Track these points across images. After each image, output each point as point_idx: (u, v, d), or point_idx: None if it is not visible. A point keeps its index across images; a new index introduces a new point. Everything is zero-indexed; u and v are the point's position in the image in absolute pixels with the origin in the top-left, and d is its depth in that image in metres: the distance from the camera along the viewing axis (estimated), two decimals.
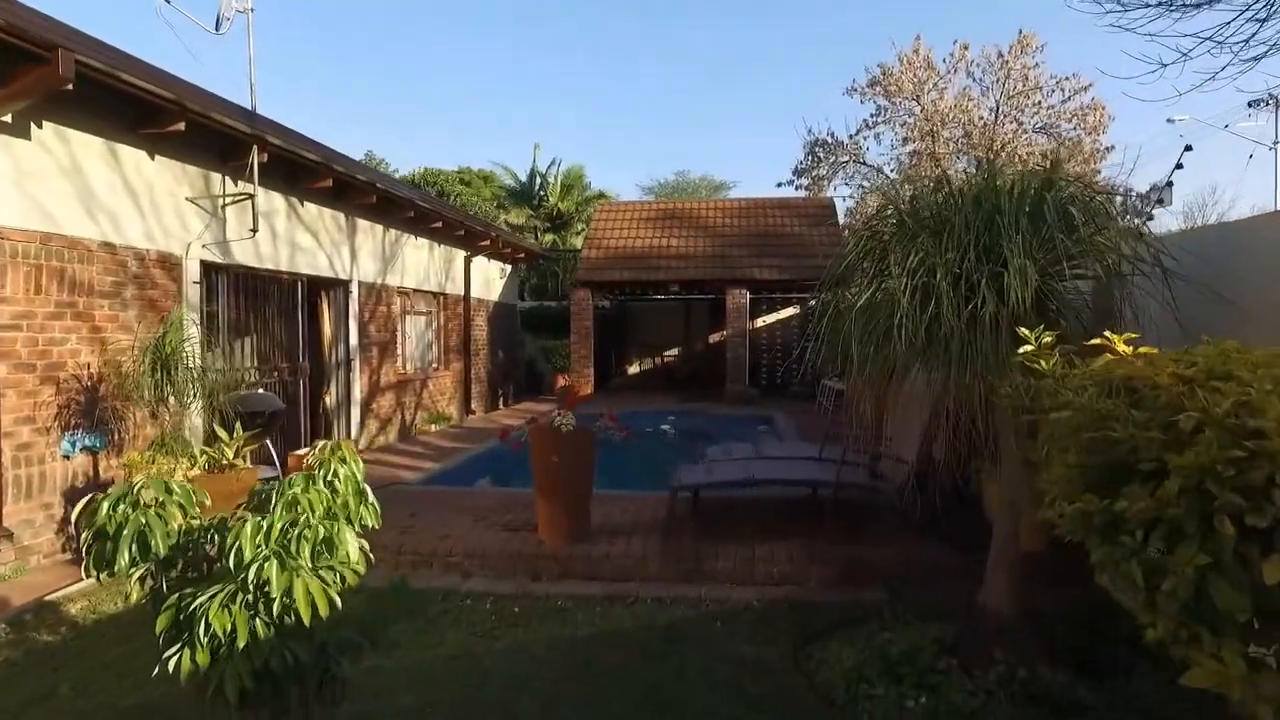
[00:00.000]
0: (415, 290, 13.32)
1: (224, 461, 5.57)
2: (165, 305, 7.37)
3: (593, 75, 69.54)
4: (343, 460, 2.75)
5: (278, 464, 6.71)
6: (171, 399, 5.92)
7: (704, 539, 5.49)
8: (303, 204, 9.68)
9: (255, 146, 7.87)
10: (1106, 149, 20.41)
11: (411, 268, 12.96)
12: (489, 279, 17.01)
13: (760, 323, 18.78)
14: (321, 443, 2.83)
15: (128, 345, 6.66)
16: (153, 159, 7.24)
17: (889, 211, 4.27)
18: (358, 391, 11.07)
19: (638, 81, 69.92)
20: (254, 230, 8.08)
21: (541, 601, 4.85)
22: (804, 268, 15.84)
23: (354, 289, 10.98)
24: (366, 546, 2.62)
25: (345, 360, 10.95)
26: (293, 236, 9.45)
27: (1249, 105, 32.42)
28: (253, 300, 8.76)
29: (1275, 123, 30.59)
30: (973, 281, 3.37)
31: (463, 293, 15.27)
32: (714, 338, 21.34)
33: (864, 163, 22.28)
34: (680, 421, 14.08)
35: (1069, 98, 20.35)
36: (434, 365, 14.34)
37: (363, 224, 11.21)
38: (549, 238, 29.64)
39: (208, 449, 5.59)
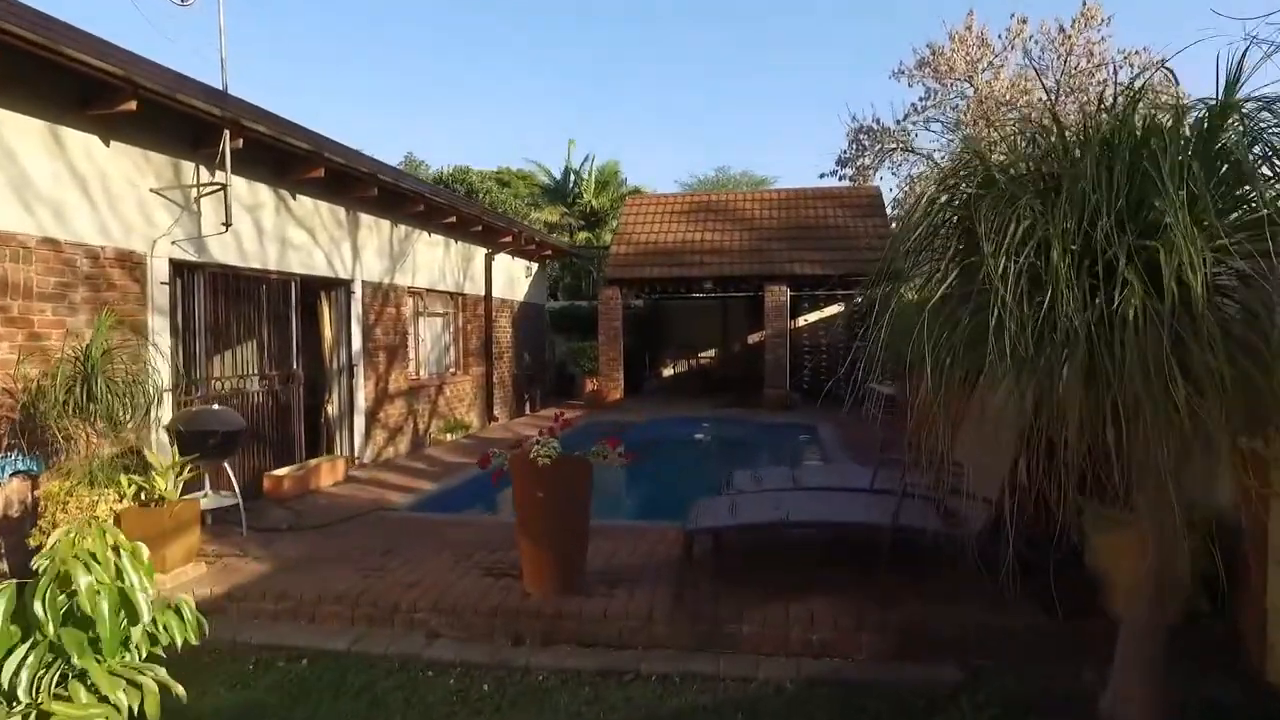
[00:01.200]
0: (429, 290, 12.47)
1: (155, 494, 4.68)
2: (126, 309, 6.56)
3: (629, 70, 68.51)
4: (114, 556, 1.75)
5: (237, 491, 5.83)
6: (99, 418, 5.05)
7: (726, 592, 4.44)
8: (295, 197, 8.85)
9: (227, 132, 7.02)
10: None
11: (424, 266, 12.10)
12: (513, 278, 16.12)
13: (802, 321, 17.61)
14: (56, 537, 1.83)
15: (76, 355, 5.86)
16: (107, 145, 6.42)
17: (973, 165, 3.17)
18: (362, 400, 10.23)
19: (673, 75, 68.71)
20: (227, 225, 7.23)
21: (518, 676, 3.86)
22: (850, 262, 14.68)
23: (357, 289, 10.14)
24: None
25: (348, 366, 10.11)
26: (283, 232, 8.62)
27: None
28: (236, 302, 7.94)
29: None
30: (1107, 259, 2.29)
31: (483, 292, 14.40)
32: (753, 338, 20.21)
33: (912, 150, 20.94)
34: (714, 429, 13.03)
35: (1138, 74, 18.73)
36: (451, 370, 13.49)
37: (366, 219, 10.37)
38: (583, 235, 28.74)
39: (137, 478, 4.71)
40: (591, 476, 4.56)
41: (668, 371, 20.58)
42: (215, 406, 6.00)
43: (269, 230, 8.37)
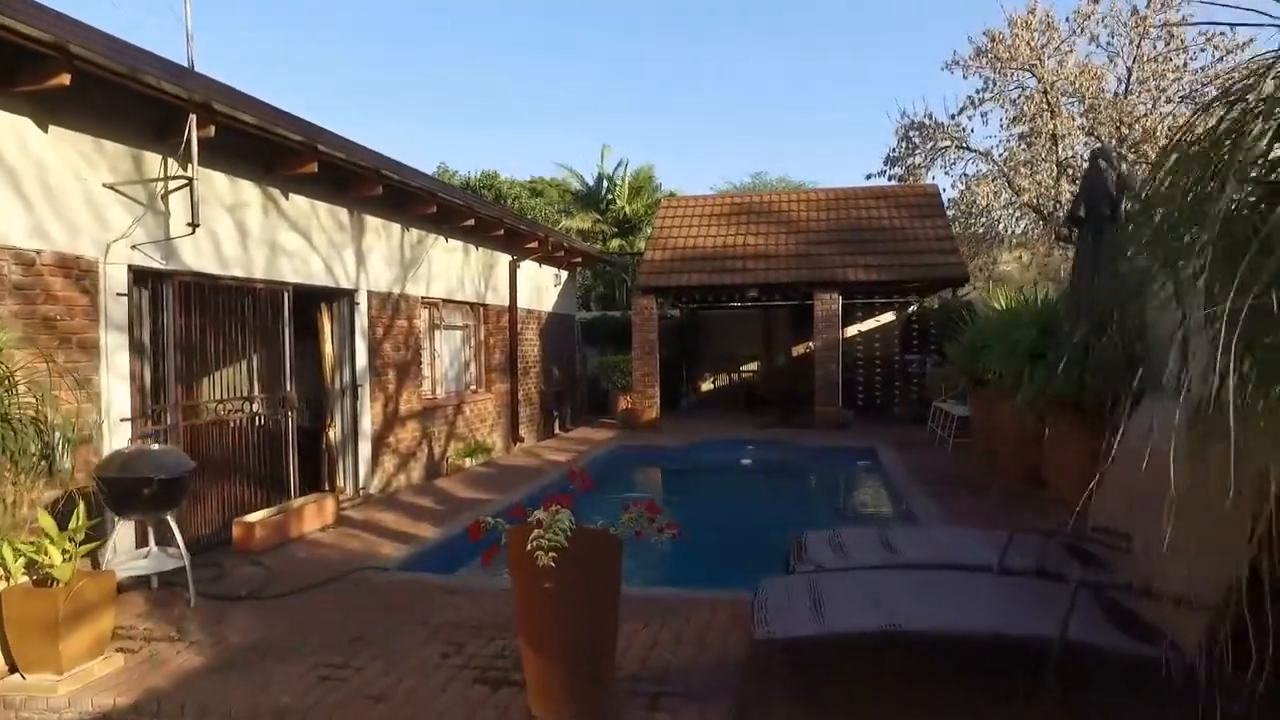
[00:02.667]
0: (446, 300, 11.39)
1: (51, 567, 3.56)
2: (72, 324, 5.52)
3: (662, 75, 67.48)
4: None
5: (183, 550, 4.71)
6: None
7: None
8: (287, 196, 7.80)
9: (193, 117, 5.96)
10: None
11: (441, 274, 11.03)
12: (540, 286, 15.02)
13: (852, 331, 16.26)
14: None
15: None
16: (44, 130, 5.39)
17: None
18: (368, 423, 9.15)
19: (709, 79, 67.52)
20: (194, 225, 6.17)
21: None
22: (908, 266, 13.36)
23: (361, 300, 9.07)
24: None
25: (351, 386, 9.04)
26: (273, 236, 7.57)
27: None
28: (215, 316, 6.89)
29: None
30: None
31: (507, 302, 13.30)
32: (798, 350, 18.89)
33: (968, 147, 19.49)
34: (761, 453, 11.76)
35: (1220, 58, 17.12)
36: (471, 387, 12.39)
37: (372, 222, 9.31)
38: (616, 243, 27.64)
39: (24, 547, 3.60)
40: (621, 558, 3.32)
41: (706, 386, 19.32)
42: (154, 446, 4.89)
43: (255, 233, 7.31)
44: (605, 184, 30.22)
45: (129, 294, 6.00)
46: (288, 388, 7.75)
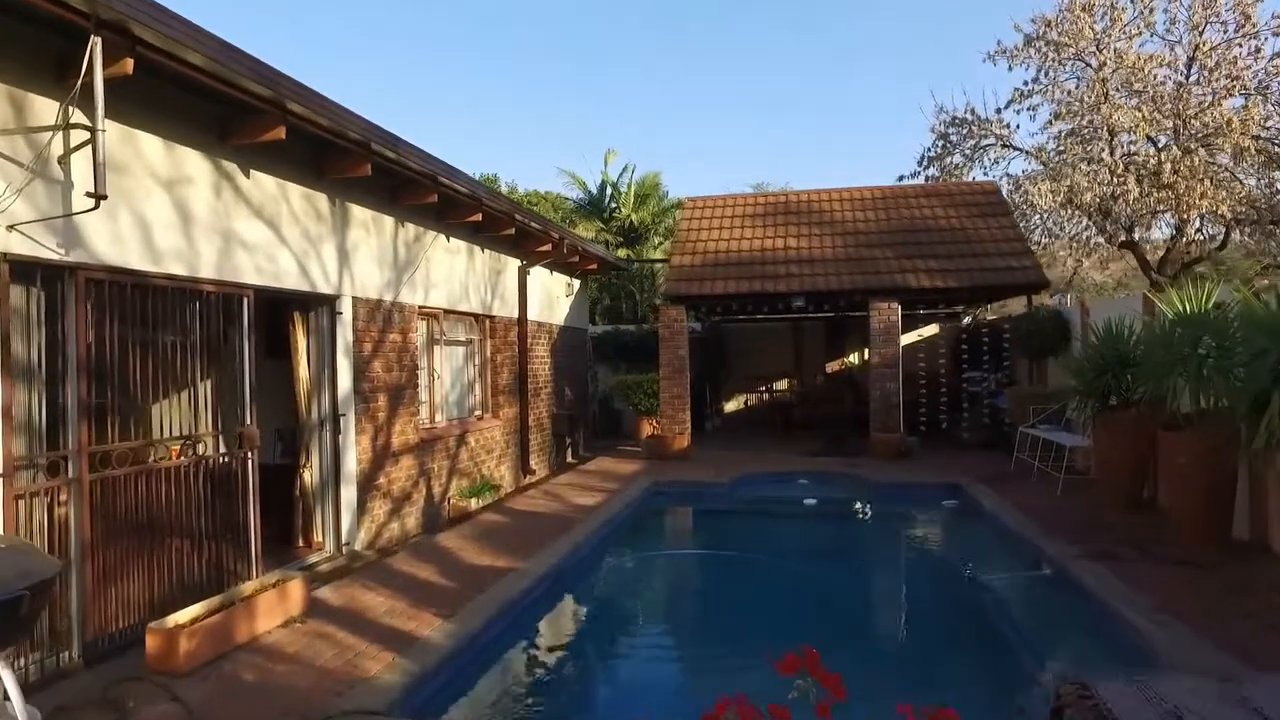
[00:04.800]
0: (448, 311, 9.60)
1: None
2: None
3: (666, 79, 65.92)
4: None
5: (19, 709, 2.85)
6: None
7: None
8: (247, 173, 6.02)
9: (96, 41, 4.17)
10: None
11: (441, 280, 9.24)
12: (552, 296, 13.24)
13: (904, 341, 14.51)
14: None
15: None
16: None
17: None
18: (352, 462, 7.32)
19: (716, 80, 66.01)
20: (96, 197, 4.34)
21: None
22: (978, 271, 11.63)
23: (345, 308, 7.27)
24: None
25: (332, 416, 7.22)
26: (227, 224, 5.77)
27: None
28: (143, 327, 5.07)
29: None
30: None
31: (516, 314, 11.52)
32: (832, 366, 17.13)
33: (1013, 146, 17.85)
34: (821, 489, 9.95)
35: None
36: (476, 413, 10.57)
37: (360, 213, 7.53)
38: (622, 252, 25.89)
39: None
40: None
41: (730, 406, 17.51)
42: None
43: (202, 219, 5.52)
44: (609, 191, 28.61)
45: (1, 295, 4.18)
46: (247, 420, 5.93)
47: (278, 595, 4.67)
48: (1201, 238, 17.03)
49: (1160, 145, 15.92)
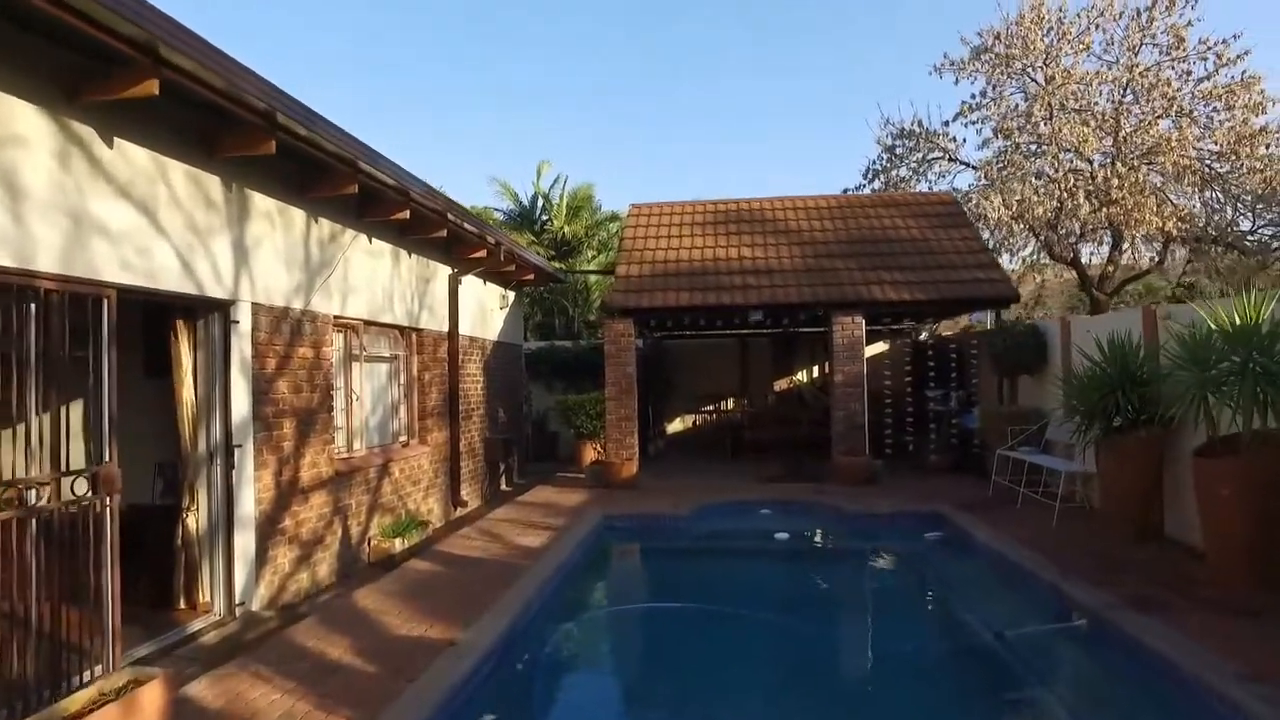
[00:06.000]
0: (369, 322, 8.35)
1: None
2: None
3: (600, 88, 65.05)
4: None
5: None
6: None
7: None
8: (110, 142, 4.73)
9: None
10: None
11: (362, 285, 8.00)
12: (485, 309, 12.05)
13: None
14: None
15: None
16: None
17: None
18: (250, 502, 6.02)
19: (651, 96, 65.48)
20: None
21: None
22: (944, 284, 10.99)
23: (243, 317, 5.99)
24: None
25: (225, 447, 5.91)
26: (78, 204, 4.48)
27: None
28: None
29: None
30: None
31: (447, 327, 10.30)
32: (780, 384, 16.36)
33: (960, 160, 17.53)
34: (790, 520, 9.03)
35: (1212, 72, 15.62)
36: (401, 438, 9.30)
37: (264, 203, 6.27)
38: (555, 266, 24.76)
39: None
40: None
41: (675, 427, 16.55)
42: None
43: (40, 194, 4.22)
44: (541, 203, 27.52)
45: None
46: (105, 456, 4.60)
47: (121, 712, 3.37)
48: (1147, 256, 16.99)
49: (1103, 162, 15.78)
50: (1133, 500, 6.88)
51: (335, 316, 7.49)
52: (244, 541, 5.98)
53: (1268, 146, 15.48)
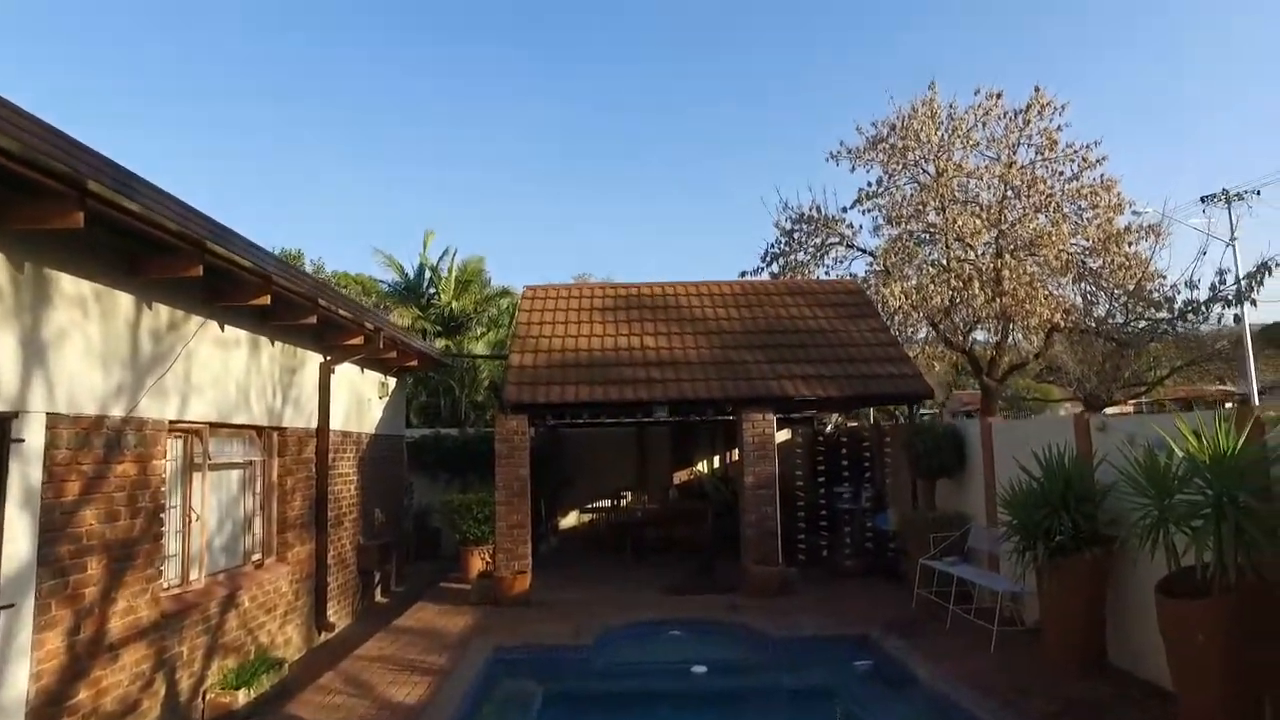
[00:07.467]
0: (218, 425, 7.04)
1: None
2: None
3: (492, 161, 64.61)
4: None
5: None
6: None
7: None
8: None
9: None
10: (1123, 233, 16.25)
11: (210, 382, 6.73)
12: (362, 399, 10.78)
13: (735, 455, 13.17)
14: None
15: None
16: None
17: None
18: (23, 678, 4.58)
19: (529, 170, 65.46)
20: None
21: None
22: (857, 378, 10.57)
23: (32, 432, 4.68)
24: None
25: None
26: None
27: (1201, 200, 30.93)
28: None
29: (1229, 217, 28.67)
30: None
31: (316, 423, 9.02)
32: (680, 476, 15.58)
33: (856, 246, 17.61)
34: (704, 646, 8.07)
35: (1078, 174, 16.44)
36: (255, 557, 7.89)
37: (73, 286, 5.03)
38: (442, 343, 23.44)
39: None
40: None
41: (568, 522, 15.43)
42: None
43: None
44: (428, 275, 26.22)
45: None
46: None
47: None
48: (1031, 345, 17.38)
49: (992, 252, 16.13)
50: (1079, 629, 6.34)
51: (172, 422, 6.19)
52: None
53: (1130, 245, 16.26)
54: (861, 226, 18.26)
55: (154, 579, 5.88)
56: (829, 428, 14.25)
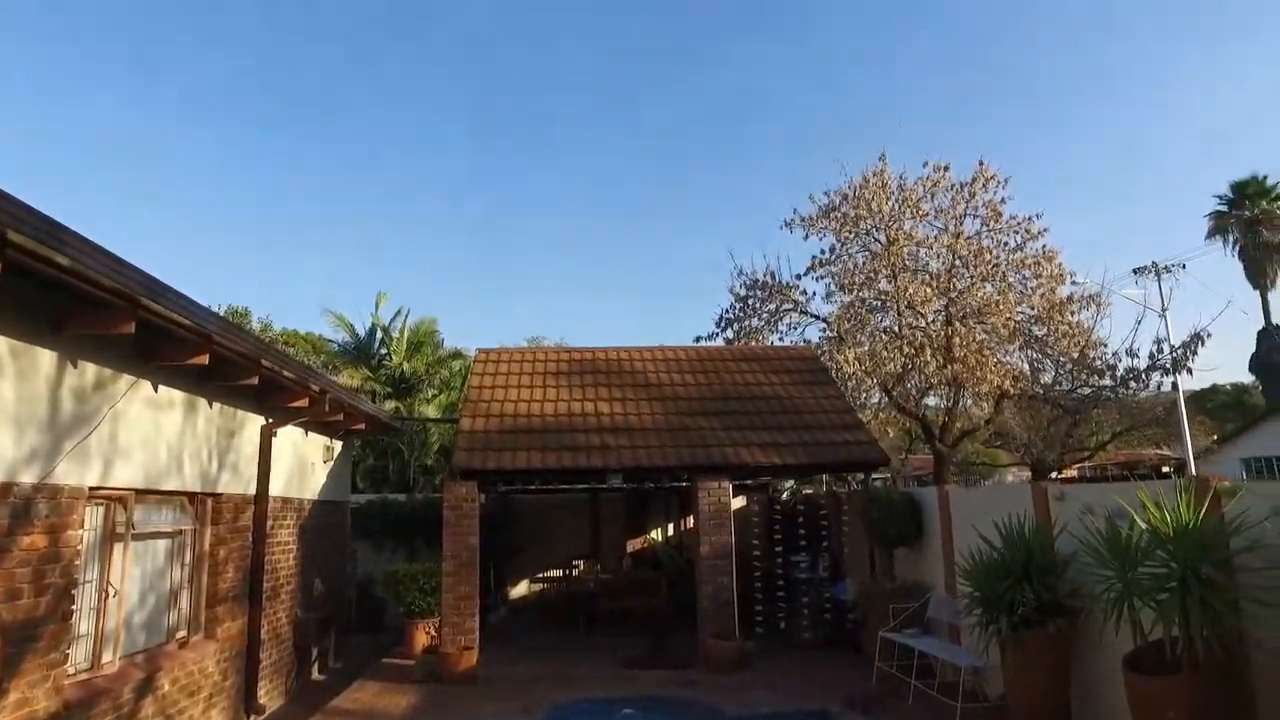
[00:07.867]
0: (144, 491, 6.60)
1: None
2: None
3: (446, 224, 64.69)
4: None
5: None
6: None
7: None
8: None
9: None
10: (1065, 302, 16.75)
11: (138, 444, 6.34)
12: (305, 463, 10.34)
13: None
14: None
15: None
16: None
17: None
18: None
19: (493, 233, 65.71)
20: None
21: None
22: (813, 446, 10.49)
23: None
24: None
25: None
26: None
27: (1134, 272, 32.29)
28: None
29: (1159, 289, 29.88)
30: None
31: (254, 489, 8.58)
32: (634, 544, 15.24)
33: (810, 313, 17.79)
34: None
35: (1021, 244, 16.96)
36: (179, 634, 7.36)
37: None
38: (392, 404, 22.92)
39: None
40: None
41: (518, 591, 14.92)
42: None
43: None
44: (380, 336, 25.78)
45: None
46: None
47: None
48: (981, 411, 17.59)
49: (942, 320, 16.41)
50: (1044, 704, 6.17)
51: (92, 488, 5.77)
52: None
53: (1073, 314, 16.72)
54: (815, 293, 18.50)
55: (57, 664, 5.37)
56: (784, 494, 14.12)
